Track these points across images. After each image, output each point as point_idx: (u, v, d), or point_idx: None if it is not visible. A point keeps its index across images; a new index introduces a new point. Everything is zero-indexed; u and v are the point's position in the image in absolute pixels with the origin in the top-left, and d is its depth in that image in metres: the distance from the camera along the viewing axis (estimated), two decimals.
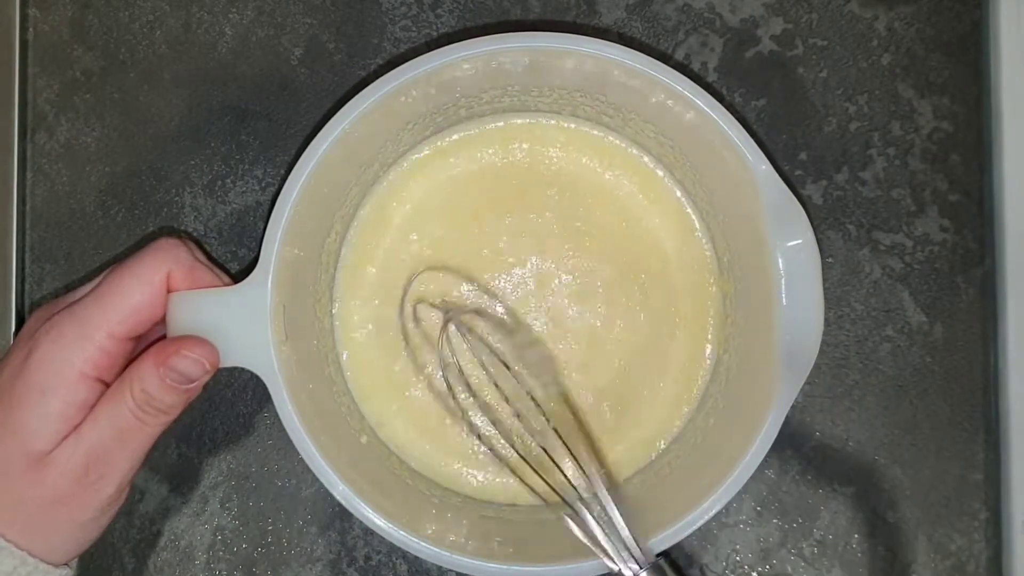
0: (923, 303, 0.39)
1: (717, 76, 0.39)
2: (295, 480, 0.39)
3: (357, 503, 0.32)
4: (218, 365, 0.32)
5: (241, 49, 0.40)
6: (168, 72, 0.40)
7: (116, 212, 0.40)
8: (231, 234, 0.39)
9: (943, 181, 0.39)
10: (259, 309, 0.32)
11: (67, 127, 0.40)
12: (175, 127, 0.40)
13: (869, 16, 0.39)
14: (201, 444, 0.39)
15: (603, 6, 0.39)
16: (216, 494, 0.39)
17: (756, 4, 0.39)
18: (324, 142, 0.32)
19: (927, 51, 0.39)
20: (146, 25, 0.40)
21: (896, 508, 0.38)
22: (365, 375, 0.37)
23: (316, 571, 0.38)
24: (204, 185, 0.39)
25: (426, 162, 0.38)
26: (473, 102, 0.36)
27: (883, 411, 0.38)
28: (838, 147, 0.39)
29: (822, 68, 0.39)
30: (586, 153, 0.38)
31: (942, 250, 0.39)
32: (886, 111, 0.39)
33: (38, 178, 0.40)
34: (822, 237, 0.39)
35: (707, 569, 0.38)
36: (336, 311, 0.37)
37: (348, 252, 0.37)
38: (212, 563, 0.39)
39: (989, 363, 0.38)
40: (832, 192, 0.39)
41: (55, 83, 0.40)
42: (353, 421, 0.36)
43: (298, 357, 0.33)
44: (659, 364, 0.37)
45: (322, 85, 0.39)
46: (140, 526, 0.39)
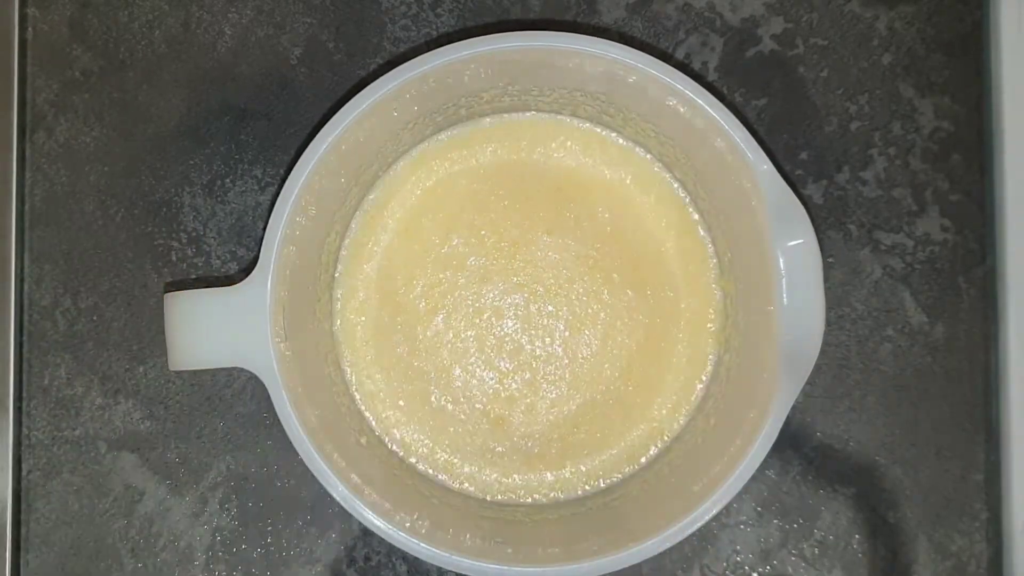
0: (924, 303, 0.38)
1: (717, 76, 0.39)
2: (294, 481, 0.38)
3: (357, 504, 0.32)
4: None
5: (240, 49, 0.40)
6: (167, 72, 0.40)
7: (115, 212, 0.39)
8: (230, 234, 0.39)
9: (944, 181, 0.39)
10: (258, 309, 0.32)
11: (66, 127, 0.40)
12: (174, 127, 0.40)
13: (870, 16, 0.39)
14: (200, 445, 0.39)
15: (603, 5, 0.39)
16: (215, 495, 0.39)
17: (757, 3, 0.39)
18: (324, 142, 0.32)
19: (928, 51, 0.39)
20: (145, 25, 0.40)
21: (897, 508, 0.38)
22: (365, 375, 0.37)
23: (316, 572, 0.38)
24: (203, 185, 0.39)
25: (426, 161, 0.38)
26: (473, 101, 0.36)
27: (884, 411, 0.38)
28: (839, 147, 0.39)
29: (823, 68, 0.39)
30: (586, 152, 0.38)
31: (943, 250, 0.39)
32: (887, 111, 0.39)
33: (37, 178, 0.40)
34: (823, 237, 0.38)
35: (707, 569, 0.38)
36: (336, 311, 0.37)
37: (348, 252, 0.37)
38: (211, 563, 0.38)
39: (990, 363, 0.38)
40: (833, 192, 0.39)
41: (54, 83, 0.40)
42: (353, 422, 0.36)
43: (298, 357, 0.33)
44: (659, 364, 0.37)
45: (322, 85, 0.39)
46: (139, 527, 0.39)
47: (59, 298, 0.39)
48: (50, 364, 0.39)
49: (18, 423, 0.39)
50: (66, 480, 0.39)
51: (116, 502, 0.39)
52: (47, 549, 0.39)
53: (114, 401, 0.39)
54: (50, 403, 0.39)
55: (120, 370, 0.39)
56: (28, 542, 0.39)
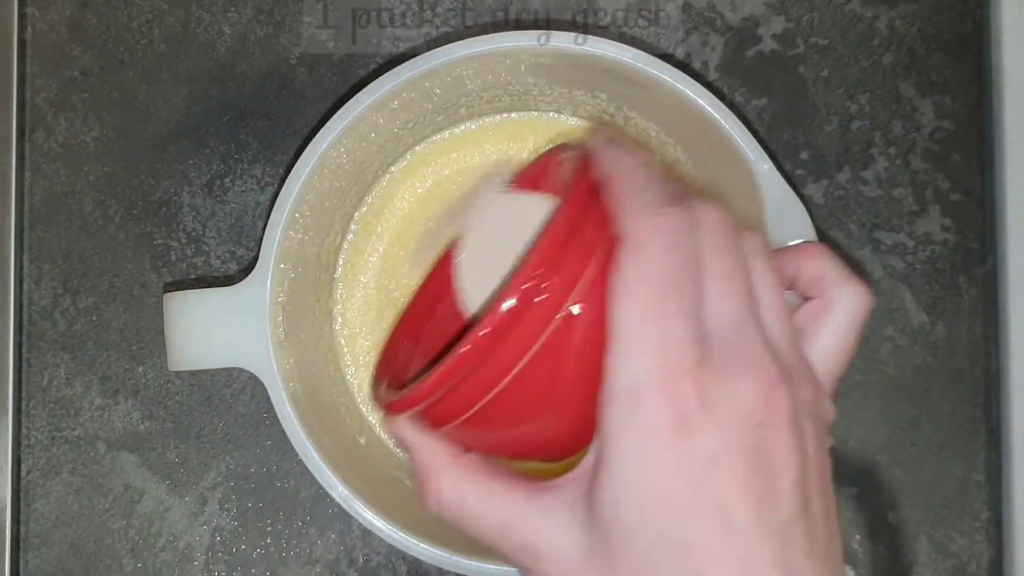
0: (925, 303, 0.38)
1: (718, 75, 0.39)
2: (294, 481, 0.38)
3: (356, 504, 0.32)
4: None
5: (240, 48, 0.40)
6: (167, 71, 0.40)
7: (115, 212, 0.39)
8: (230, 234, 0.39)
9: (945, 180, 0.39)
10: (258, 309, 0.32)
11: (65, 126, 0.40)
12: (174, 126, 0.40)
13: (870, 15, 0.39)
14: (200, 445, 0.39)
15: (603, 5, 0.39)
16: (215, 495, 0.39)
17: (757, 3, 0.39)
18: (324, 142, 0.32)
19: (929, 50, 0.39)
20: (145, 24, 0.40)
21: (897, 508, 0.38)
22: (365, 375, 0.37)
23: (315, 572, 0.38)
24: (203, 184, 0.39)
25: (426, 161, 0.37)
26: (473, 101, 0.36)
27: (884, 411, 0.38)
28: (839, 146, 0.39)
29: (823, 67, 0.39)
30: None
31: (944, 250, 0.39)
32: (887, 110, 0.39)
33: (36, 177, 0.40)
34: (823, 237, 0.38)
35: None
36: (336, 311, 0.37)
37: (348, 252, 0.37)
38: (211, 564, 0.38)
39: (991, 363, 0.38)
40: (833, 192, 0.39)
41: (53, 82, 0.40)
42: (353, 422, 0.36)
43: (297, 357, 0.33)
44: None
45: (322, 85, 0.39)
46: (139, 527, 0.39)
47: (58, 298, 0.39)
48: (49, 364, 0.39)
49: (17, 423, 0.39)
50: (66, 480, 0.39)
51: (115, 502, 0.39)
52: (47, 549, 0.39)
53: (113, 401, 0.39)
54: (49, 403, 0.39)
55: (119, 370, 0.39)
56: (27, 542, 0.39)
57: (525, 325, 0.22)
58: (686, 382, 0.21)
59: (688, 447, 0.21)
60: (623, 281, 0.22)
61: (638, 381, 0.21)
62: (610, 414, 0.22)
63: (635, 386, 0.21)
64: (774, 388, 0.22)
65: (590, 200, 0.24)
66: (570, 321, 0.22)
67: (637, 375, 0.21)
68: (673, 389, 0.21)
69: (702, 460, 0.21)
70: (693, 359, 0.21)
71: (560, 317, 0.22)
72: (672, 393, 0.21)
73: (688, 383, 0.21)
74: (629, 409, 0.21)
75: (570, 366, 0.23)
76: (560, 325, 0.22)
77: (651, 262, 0.22)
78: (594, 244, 0.23)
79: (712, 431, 0.21)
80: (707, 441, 0.21)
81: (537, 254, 0.22)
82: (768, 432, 0.21)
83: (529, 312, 0.22)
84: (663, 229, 0.22)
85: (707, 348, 0.22)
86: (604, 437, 0.22)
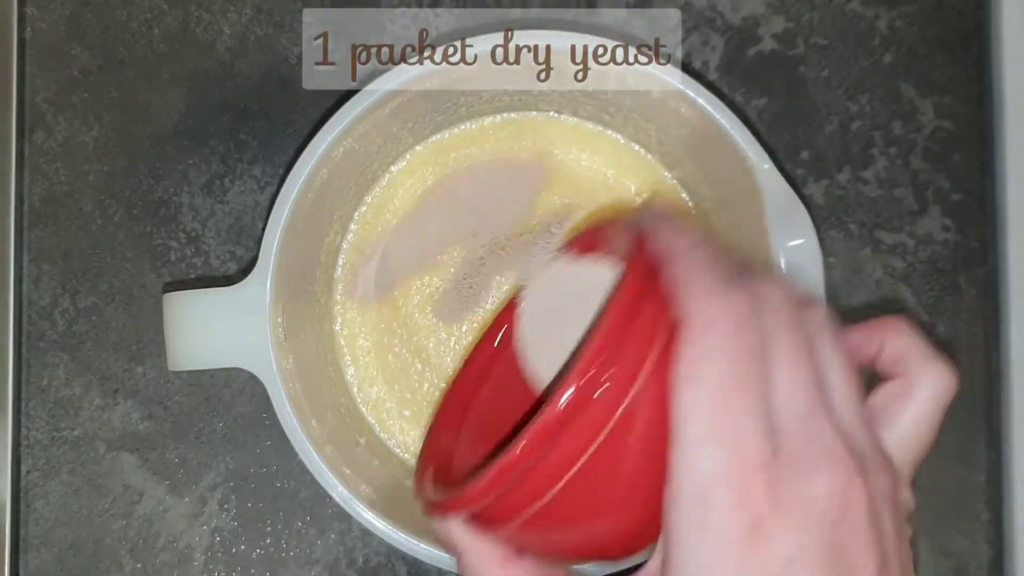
0: (925, 303, 0.38)
1: (718, 75, 0.39)
2: (294, 481, 0.38)
3: (356, 504, 0.32)
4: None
5: (239, 48, 0.40)
6: (166, 71, 0.40)
7: (114, 212, 0.39)
8: (229, 234, 0.39)
9: (945, 180, 0.39)
10: (257, 309, 0.32)
11: (65, 126, 0.40)
12: (173, 126, 0.40)
13: (871, 15, 0.39)
14: (199, 445, 0.39)
15: (604, 4, 0.39)
16: (214, 495, 0.39)
17: (757, 3, 0.39)
18: (323, 142, 0.32)
19: (929, 50, 0.39)
20: (144, 24, 0.40)
21: None
22: (365, 376, 0.37)
23: (315, 573, 0.38)
24: (202, 184, 0.39)
25: (426, 161, 0.37)
26: (473, 100, 0.36)
27: None
28: (840, 146, 0.39)
29: (823, 67, 0.39)
30: (587, 151, 0.37)
31: (944, 250, 0.39)
32: (888, 110, 0.39)
33: (36, 177, 0.40)
34: (824, 237, 0.38)
35: None
36: (336, 311, 0.37)
37: (348, 252, 0.37)
38: (210, 564, 0.38)
39: (991, 363, 0.38)
40: (834, 191, 0.39)
41: (53, 82, 0.40)
42: (352, 422, 0.36)
43: (297, 358, 0.33)
44: None
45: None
46: (138, 527, 0.39)
47: (58, 298, 0.39)
48: (49, 364, 0.39)
49: (17, 423, 0.39)
50: (65, 480, 0.39)
51: (115, 502, 0.39)
52: (46, 549, 0.39)
53: (113, 401, 0.39)
54: (49, 403, 0.39)
55: (119, 370, 0.39)
56: (27, 542, 0.39)
57: (587, 418, 0.21)
58: (758, 483, 0.20)
59: (762, 552, 0.20)
60: (688, 369, 0.21)
61: (708, 482, 0.20)
62: (678, 516, 0.20)
63: (704, 488, 0.20)
64: (850, 483, 0.20)
65: (648, 280, 0.22)
66: (632, 412, 0.21)
67: (707, 475, 0.20)
68: (745, 492, 0.20)
69: (777, 566, 0.20)
70: (764, 456, 0.20)
71: (623, 409, 0.21)
72: (744, 495, 0.20)
73: (760, 485, 0.20)
74: (699, 512, 0.20)
75: (631, 460, 0.21)
76: (622, 417, 0.21)
77: (717, 348, 0.20)
78: (654, 328, 0.21)
79: (786, 535, 0.20)
80: (782, 546, 0.20)
81: (597, 339, 0.21)
82: (845, 530, 0.20)
83: (591, 404, 0.21)
84: (728, 311, 0.21)
85: (777, 442, 0.20)
86: (672, 540, 0.21)
